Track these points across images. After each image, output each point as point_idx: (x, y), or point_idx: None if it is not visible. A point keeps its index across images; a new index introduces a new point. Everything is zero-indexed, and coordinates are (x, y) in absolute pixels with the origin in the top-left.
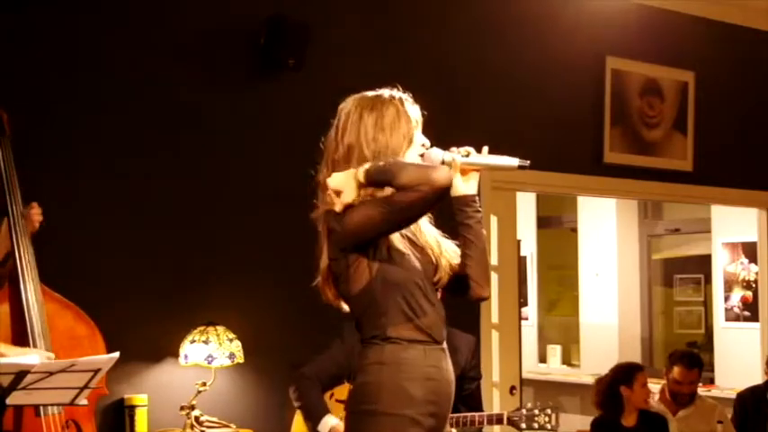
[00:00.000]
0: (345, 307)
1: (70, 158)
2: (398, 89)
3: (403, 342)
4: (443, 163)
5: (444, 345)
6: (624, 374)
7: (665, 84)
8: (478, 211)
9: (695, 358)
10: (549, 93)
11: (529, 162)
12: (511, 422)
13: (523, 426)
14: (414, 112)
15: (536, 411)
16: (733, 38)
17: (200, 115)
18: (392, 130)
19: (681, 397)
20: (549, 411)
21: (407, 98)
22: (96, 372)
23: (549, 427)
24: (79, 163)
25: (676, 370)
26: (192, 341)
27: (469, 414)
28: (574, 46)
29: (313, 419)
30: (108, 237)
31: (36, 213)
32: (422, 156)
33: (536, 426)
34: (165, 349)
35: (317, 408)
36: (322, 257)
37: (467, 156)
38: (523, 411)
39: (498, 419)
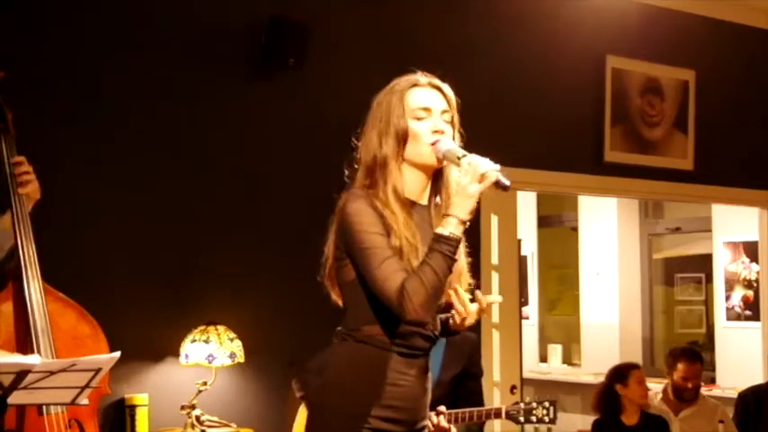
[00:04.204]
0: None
1: (71, 157)
2: (415, 72)
3: (373, 345)
4: (444, 157)
5: (418, 353)
6: (618, 374)
7: (665, 83)
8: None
9: (696, 353)
10: (550, 92)
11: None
12: (509, 416)
13: (521, 419)
14: (418, 99)
15: (534, 405)
16: (734, 36)
17: (200, 114)
18: (382, 136)
19: (687, 393)
20: (546, 404)
21: (419, 80)
22: (97, 371)
23: (546, 420)
24: (80, 162)
25: (680, 366)
26: (193, 340)
27: (468, 409)
28: (574, 45)
29: None
30: (108, 236)
31: (27, 174)
32: (433, 144)
33: (534, 419)
34: (166, 349)
35: None
36: (328, 247)
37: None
38: (521, 405)
39: (497, 414)
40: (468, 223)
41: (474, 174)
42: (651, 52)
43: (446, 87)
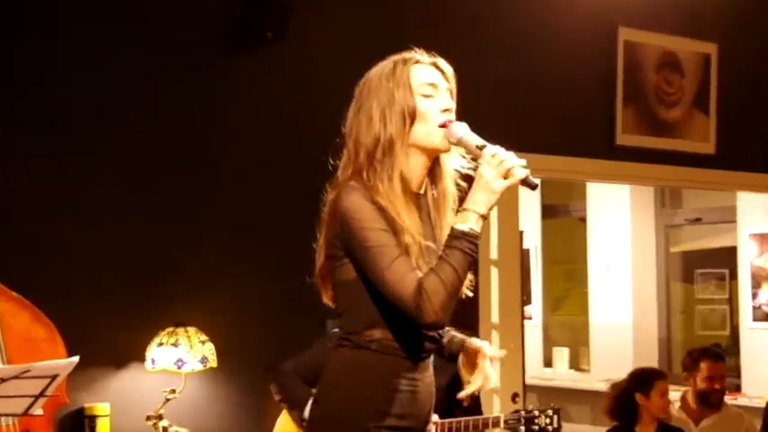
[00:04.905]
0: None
1: (29, 150)
2: (413, 50)
3: (376, 349)
4: (459, 144)
5: (424, 355)
6: (640, 381)
7: (684, 57)
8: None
9: (718, 352)
10: (555, 68)
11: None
12: (508, 425)
13: (522, 429)
14: (423, 75)
15: (536, 413)
16: (760, 6)
17: (168, 96)
18: (386, 115)
19: (714, 396)
20: (549, 412)
21: (420, 57)
22: (53, 378)
23: (550, 429)
24: (37, 154)
25: (704, 366)
26: (160, 344)
27: (463, 419)
28: (582, 15)
29: (298, 406)
30: (66, 231)
31: None
32: (444, 126)
33: (536, 428)
34: (130, 353)
35: (301, 395)
36: (320, 245)
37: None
38: (522, 413)
39: (495, 423)
40: (486, 218)
41: (500, 168)
42: (668, 23)
43: (448, 68)
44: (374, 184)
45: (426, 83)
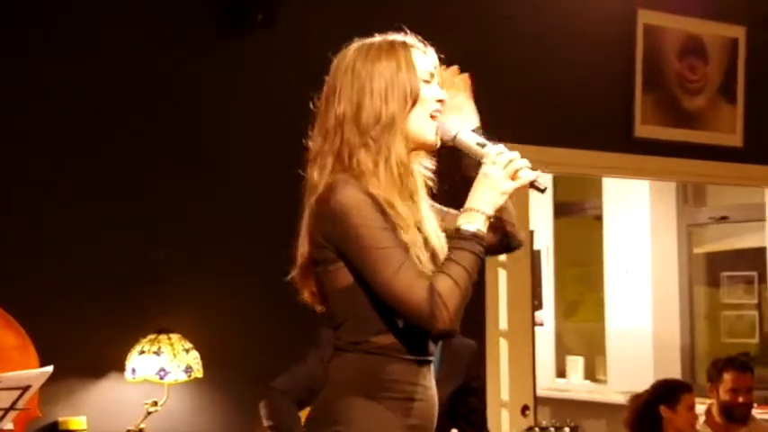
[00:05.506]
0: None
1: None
2: (406, 32)
3: (384, 354)
4: (454, 141)
5: (431, 359)
6: (666, 393)
7: (709, 41)
8: None
9: (745, 362)
10: (570, 54)
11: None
12: None
13: None
14: (424, 62)
15: (552, 430)
16: None
17: (153, 82)
18: (388, 92)
19: (739, 410)
20: (567, 430)
21: (416, 43)
22: (25, 389)
23: None
24: (9, 144)
25: (728, 377)
26: (141, 352)
27: None
28: None
29: None
30: (37, 229)
31: None
32: (433, 116)
33: None
34: (108, 362)
35: (292, 427)
36: (301, 242)
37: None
38: (537, 430)
39: None
40: (492, 219)
41: (509, 168)
42: (691, 5)
43: (436, 60)
44: (365, 168)
45: (427, 69)
